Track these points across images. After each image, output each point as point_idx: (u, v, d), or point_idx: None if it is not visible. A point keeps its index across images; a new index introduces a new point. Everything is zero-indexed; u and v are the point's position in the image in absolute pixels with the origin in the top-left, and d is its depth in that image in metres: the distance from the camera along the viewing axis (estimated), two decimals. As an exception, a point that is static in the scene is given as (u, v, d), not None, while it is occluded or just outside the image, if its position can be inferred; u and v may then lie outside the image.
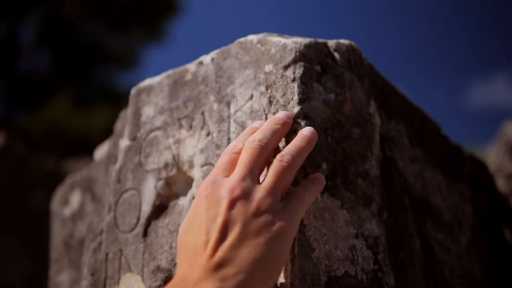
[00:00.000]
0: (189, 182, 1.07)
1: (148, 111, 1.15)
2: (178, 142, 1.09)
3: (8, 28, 9.18)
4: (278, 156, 0.88)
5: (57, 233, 1.49)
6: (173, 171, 1.08)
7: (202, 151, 1.05)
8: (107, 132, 1.43)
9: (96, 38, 9.36)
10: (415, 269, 1.06)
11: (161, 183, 1.08)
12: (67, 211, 1.46)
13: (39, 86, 9.03)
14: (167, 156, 1.09)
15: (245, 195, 0.83)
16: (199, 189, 0.87)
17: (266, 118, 0.99)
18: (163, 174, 1.08)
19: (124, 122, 1.23)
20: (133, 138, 1.15)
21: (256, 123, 0.96)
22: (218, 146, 1.03)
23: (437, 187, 1.25)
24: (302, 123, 0.97)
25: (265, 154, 0.90)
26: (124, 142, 1.16)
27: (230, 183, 0.84)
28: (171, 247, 1.03)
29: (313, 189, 0.90)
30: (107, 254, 1.10)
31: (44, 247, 2.18)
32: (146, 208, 1.08)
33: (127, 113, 1.20)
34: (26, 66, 9.33)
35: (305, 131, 0.93)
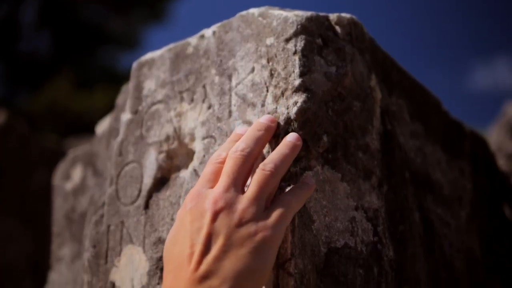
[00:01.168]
0: (190, 155, 1.07)
1: (149, 85, 1.15)
2: (179, 115, 1.09)
3: (9, 9, 9.15)
4: (261, 165, 0.89)
5: (59, 208, 1.49)
6: (175, 144, 1.08)
7: (203, 124, 1.05)
8: (107, 113, 1.44)
9: (97, 19, 9.34)
10: (415, 242, 1.07)
11: (162, 156, 1.09)
12: (69, 186, 1.47)
13: (39, 67, 9.02)
14: (168, 129, 1.09)
15: (229, 206, 0.84)
16: (185, 201, 0.88)
17: (267, 91, 1.00)
18: (165, 147, 1.09)
19: (125, 96, 1.23)
20: (135, 112, 1.15)
21: (240, 129, 0.96)
22: (219, 119, 1.03)
23: (437, 162, 1.25)
24: (303, 95, 0.97)
25: (249, 163, 0.90)
26: (126, 116, 1.16)
27: (214, 195, 0.85)
28: (172, 219, 1.04)
29: (300, 194, 0.90)
30: (108, 226, 1.11)
31: (45, 226, 2.19)
32: (148, 181, 1.09)
33: (129, 86, 1.20)
34: (27, 47, 9.32)
35: (289, 138, 0.93)
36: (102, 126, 1.40)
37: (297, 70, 0.98)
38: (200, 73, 1.09)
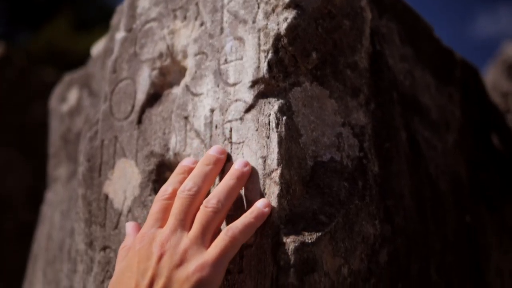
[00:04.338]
0: (182, 71, 1.09)
1: (143, 3, 1.16)
2: (172, 32, 1.10)
3: None
4: (204, 202, 0.90)
5: (55, 129, 1.52)
6: (167, 61, 1.10)
7: (195, 40, 1.07)
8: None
9: (97, -42, 9.21)
10: (400, 160, 1.10)
11: (155, 72, 1.11)
12: (65, 108, 1.49)
13: (39, 7, 8.94)
14: (161, 46, 1.11)
15: (173, 247, 0.86)
16: (134, 240, 0.91)
17: (259, 8, 1.01)
18: (158, 64, 1.11)
19: (120, 15, 1.25)
20: (129, 30, 1.17)
21: (186, 161, 0.98)
22: (211, 36, 1.05)
23: (426, 86, 1.27)
24: (293, 12, 0.98)
25: (196, 201, 0.92)
26: (120, 34, 1.18)
27: (161, 238, 0.88)
28: (164, 133, 1.07)
29: (249, 224, 0.89)
30: (102, 141, 1.14)
31: (44, 158, 2.23)
32: (141, 97, 1.11)
33: (123, 5, 1.21)
34: (26, -14, 9.21)
35: (237, 165, 0.94)
36: (97, 48, 1.41)
37: (288, -13, 0.99)
38: (193, -9, 1.10)
